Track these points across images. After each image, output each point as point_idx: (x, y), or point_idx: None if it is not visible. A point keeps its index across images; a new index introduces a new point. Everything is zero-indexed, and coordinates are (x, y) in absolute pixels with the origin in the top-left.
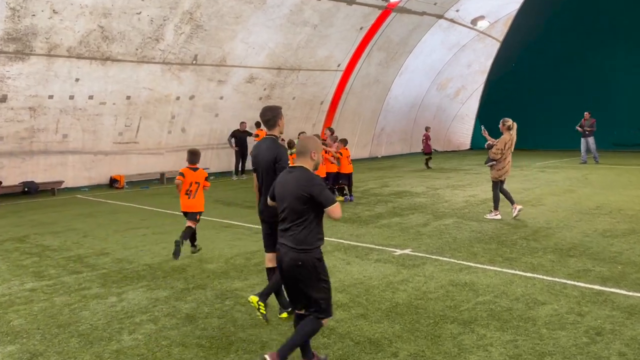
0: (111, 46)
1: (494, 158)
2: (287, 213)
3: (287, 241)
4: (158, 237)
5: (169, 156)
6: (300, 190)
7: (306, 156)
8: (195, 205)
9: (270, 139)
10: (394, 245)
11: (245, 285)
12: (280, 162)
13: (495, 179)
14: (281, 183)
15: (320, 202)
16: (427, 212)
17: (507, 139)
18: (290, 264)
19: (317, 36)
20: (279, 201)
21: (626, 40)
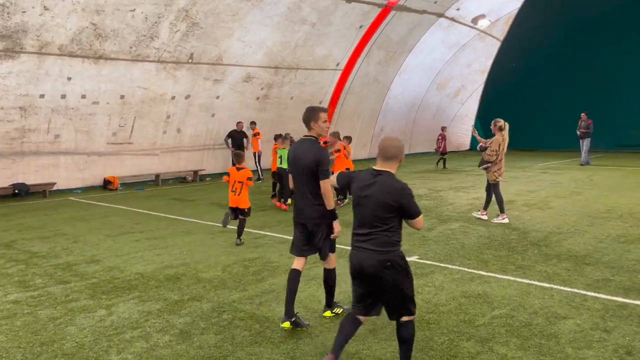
0: (104, 44)
1: (488, 160)
2: (367, 218)
3: (368, 245)
4: (151, 243)
5: (164, 157)
6: (388, 199)
7: (394, 161)
8: (240, 201)
9: (309, 140)
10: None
11: (243, 297)
12: (322, 165)
13: (494, 181)
14: (362, 185)
15: (409, 213)
16: (432, 216)
17: (499, 139)
18: (377, 266)
19: (316, 34)
20: (355, 204)
21: (629, 40)
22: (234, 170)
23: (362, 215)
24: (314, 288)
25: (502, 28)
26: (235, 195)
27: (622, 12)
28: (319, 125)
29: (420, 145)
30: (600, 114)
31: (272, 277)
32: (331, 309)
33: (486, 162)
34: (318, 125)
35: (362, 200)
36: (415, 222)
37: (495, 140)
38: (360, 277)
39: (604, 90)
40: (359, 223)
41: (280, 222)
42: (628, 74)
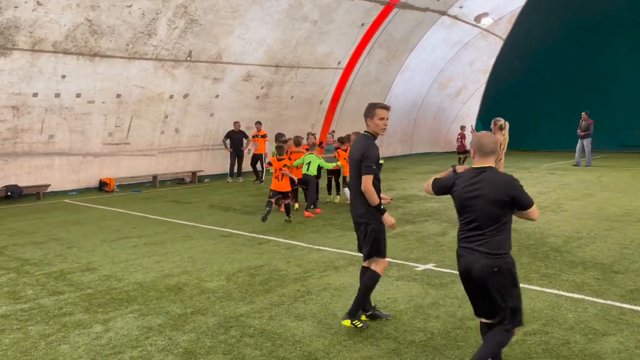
0: (100, 41)
1: None
2: (478, 219)
3: (479, 247)
4: (150, 249)
5: (161, 158)
6: (501, 195)
7: (492, 156)
8: (282, 186)
9: (363, 136)
10: (414, 259)
11: (251, 310)
12: (366, 160)
13: None
14: (467, 185)
15: (523, 204)
16: (442, 219)
17: (500, 139)
18: (485, 270)
19: (317, 32)
20: (462, 206)
21: (633, 39)
22: (275, 161)
23: (471, 216)
24: (327, 299)
25: (505, 26)
26: (278, 182)
27: (626, 11)
28: (374, 122)
29: (422, 146)
30: (603, 113)
31: (281, 287)
32: (352, 319)
33: None
34: (373, 122)
35: (470, 200)
36: (530, 212)
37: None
38: (468, 281)
39: (607, 89)
40: (468, 224)
41: (284, 226)
42: (632, 73)
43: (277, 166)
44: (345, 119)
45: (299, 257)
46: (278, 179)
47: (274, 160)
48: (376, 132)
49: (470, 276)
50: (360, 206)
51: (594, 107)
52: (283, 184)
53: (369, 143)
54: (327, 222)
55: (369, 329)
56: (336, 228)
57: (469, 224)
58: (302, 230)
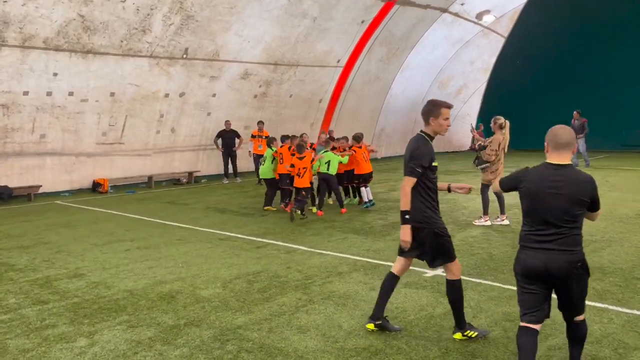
0: (93, 38)
1: (488, 160)
2: (555, 216)
3: (556, 245)
4: (143, 253)
5: (157, 158)
6: (580, 194)
7: (569, 149)
8: (303, 182)
9: (417, 136)
10: (421, 263)
11: (249, 322)
12: (413, 160)
13: (488, 181)
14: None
15: (597, 205)
16: (448, 222)
17: (500, 138)
18: (566, 267)
19: (317, 29)
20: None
21: (637, 38)
22: (296, 160)
23: (546, 214)
24: (331, 309)
25: (507, 24)
26: (300, 178)
27: (631, 9)
28: (438, 122)
29: None
30: (606, 113)
31: (281, 295)
32: (462, 330)
33: (485, 162)
34: (438, 122)
35: (547, 197)
36: (597, 214)
37: (495, 139)
38: (541, 280)
39: (610, 88)
40: (542, 222)
41: (283, 228)
42: (635, 72)
43: (299, 165)
44: (344, 118)
45: (300, 262)
46: (300, 176)
47: (296, 161)
48: (437, 133)
49: (546, 275)
50: (419, 211)
51: (596, 106)
52: (304, 181)
53: (422, 144)
54: (328, 224)
55: (378, 343)
56: (338, 231)
57: (543, 222)
58: (302, 233)
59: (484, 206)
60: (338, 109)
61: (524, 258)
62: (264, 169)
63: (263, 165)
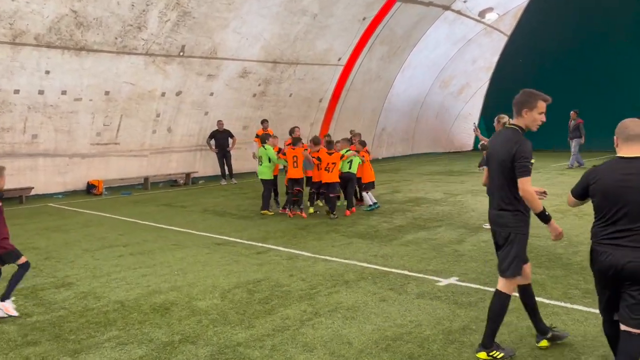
0: (86, 34)
1: None
2: (628, 211)
3: (629, 242)
4: (137, 260)
5: (153, 159)
6: None
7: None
8: (332, 177)
9: (511, 129)
10: (433, 271)
11: (251, 338)
12: (520, 159)
13: None
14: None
15: None
16: (457, 225)
17: None
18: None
19: (317, 27)
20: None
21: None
22: (325, 155)
23: (620, 209)
24: (339, 323)
25: (510, 22)
26: (329, 173)
27: (636, 8)
28: (532, 116)
29: (423, 146)
30: (610, 112)
31: (284, 306)
32: (488, 350)
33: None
34: (531, 115)
35: (620, 191)
36: None
37: None
38: (616, 278)
39: (614, 88)
40: (613, 217)
41: (284, 232)
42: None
43: (328, 160)
44: (345, 118)
45: (303, 269)
46: (329, 171)
47: (324, 155)
48: (529, 127)
49: (621, 273)
50: (499, 214)
51: (600, 106)
52: (333, 176)
53: (521, 138)
54: (331, 227)
55: None
56: (341, 235)
57: (616, 218)
58: (304, 238)
59: None
60: (338, 109)
61: (595, 253)
62: (262, 168)
63: (261, 165)
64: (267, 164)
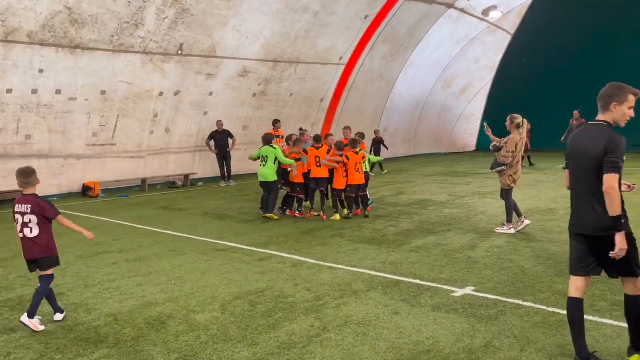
0: (81, 32)
1: (504, 162)
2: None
3: None
4: (132, 267)
5: (151, 160)
6: None
7: None
8: (360, 178)
9: (598, 125)
10: (447, 280)
11: (254, 356)
12: (612, 154)
13: (508, 186)
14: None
15: None
16: (467, 229)
17: (517, 139)
18: None
19: (318, 25)
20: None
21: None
22: (352, 154)
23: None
24: (350, 340)
25: (514, 21)
26: (359, 173)
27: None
28: (621, 111)
29: (425, 146)
30: None
31: (290, 320)
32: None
33: (501, 165)
34: (621, 110)
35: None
36: None
37: (511, 140)
38: None
39: None
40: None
41: (287, 237)
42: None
43: (356, 160)
44: (346, 118)
45: (308, 277)
46: (360, 172)
47: (352, 155)
48: (617, 123)
49: None
50: (603, 215)
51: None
52: (361, 177)
53: (614, 133)
54: (335, 232)
55: None
56: (347, 240)
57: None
58: (308, 243)
59: (508, 213)
60: (340, 109)
61: None
62: (265, 170)
63: (264, 166)
64: (271, 165)
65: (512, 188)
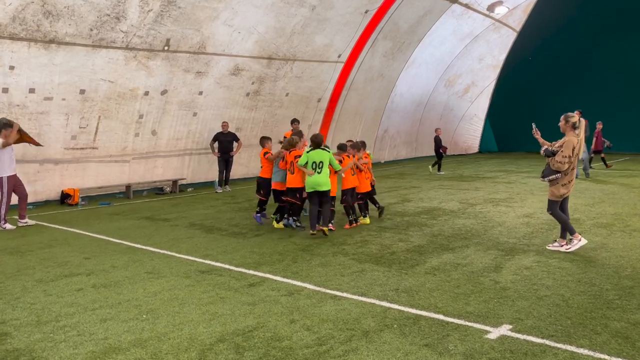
0: (56, 25)
1: (558, 169)
2: None
3: None
4: (99, 296)
5: (136, 164)
6: None
7: None
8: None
9: None
10: (476, 314)
11: None
12: None
13: (557, 197)
14: None
15: None
16: (487, 244)
17: (574, 141)
18: None
19: (315, 20)
20: None
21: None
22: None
23: None
24: None
25: (520, 17)
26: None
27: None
28: None
29: (427, 148)
30: (625, 113)
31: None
32: None
33: (555, 172)
34: None
35: None
36: None
37: (568, 143)
38: None
39: (630, 88)
40: None
41: (282, 254)
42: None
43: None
44: (345, 119)
45: (308, 311)
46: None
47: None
48: None
49: None
50: None
51: (615, 106)
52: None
53: None
54: (337, 248)
55: None
56: (351, 259)
57: None
58: (307, 262)
59: (563, 226)
60: (338, 109)
61: None
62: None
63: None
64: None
65: (559, 200)
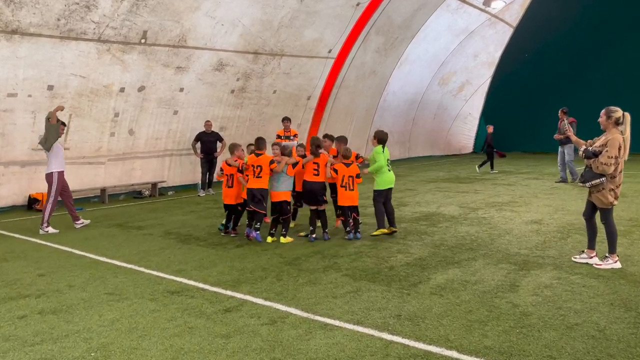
0: (18, 13)
1: (603, 172)
2: None
3: None
4: (43, 325)
5: (112, 166)
6: None
7: None
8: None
9: None
10: (498, 351)
11: None
12: None
13: (609, 204)
14: None
15: None
16: (496, 257)
17: (619, 139)
18: None
19: (304, 12)
20: None
21: None
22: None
23: None
24: None
25: (517, 12)
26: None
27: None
28: None
29: (420, 148)
30: (626, 111)
31: None
32: None
33: (599, 176)
34: None
35: None
36: None
37: (612, 141)
38: None
39: (630, 85)
40: None
41: (266, 269)
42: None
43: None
44: (335, 118)
45: (292, 346)
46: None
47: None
48: None
49: None
50: None
51: (614, 104)
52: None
53: None
54: (328, 262)
55: None
56: (344, 275)
57: None
58: (293, 280)
59: (611, 240)
60: (329, 108)
61: None
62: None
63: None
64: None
65: (613, 207)
